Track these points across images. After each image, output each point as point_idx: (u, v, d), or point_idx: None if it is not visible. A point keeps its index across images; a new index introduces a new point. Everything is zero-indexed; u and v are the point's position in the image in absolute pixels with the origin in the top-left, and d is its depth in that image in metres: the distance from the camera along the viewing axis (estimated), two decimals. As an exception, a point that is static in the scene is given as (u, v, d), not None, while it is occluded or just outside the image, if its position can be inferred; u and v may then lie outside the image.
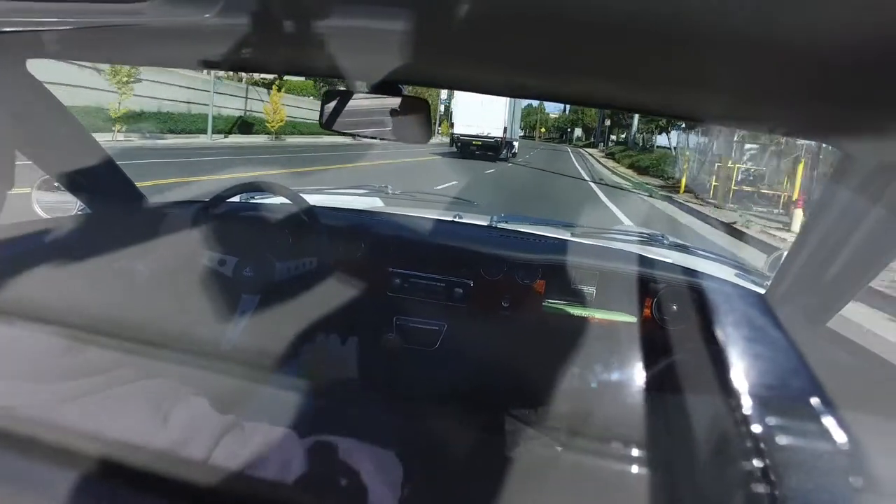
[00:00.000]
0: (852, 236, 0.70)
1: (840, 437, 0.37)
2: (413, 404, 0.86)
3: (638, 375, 1.18)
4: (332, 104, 0.80)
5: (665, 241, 1.55)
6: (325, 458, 0.57)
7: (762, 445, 0.37)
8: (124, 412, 0.51)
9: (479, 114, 17.24)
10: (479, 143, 17.86)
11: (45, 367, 0.50)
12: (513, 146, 22.51)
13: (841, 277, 0.76)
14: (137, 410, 0.52)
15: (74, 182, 1.10)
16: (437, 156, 18.07)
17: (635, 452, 1.04)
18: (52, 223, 1.10)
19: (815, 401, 0.40)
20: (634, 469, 1.03)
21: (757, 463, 0.36)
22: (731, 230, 7.65)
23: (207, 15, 0.49)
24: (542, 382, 1.24)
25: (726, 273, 1.32)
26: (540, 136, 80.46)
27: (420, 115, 0.76)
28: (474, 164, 15.17)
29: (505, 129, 18.38)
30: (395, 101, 0.74)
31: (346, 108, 0.79)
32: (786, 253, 0.88)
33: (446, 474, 0.83)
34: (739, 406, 0.40)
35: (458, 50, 0.52)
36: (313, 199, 1.36)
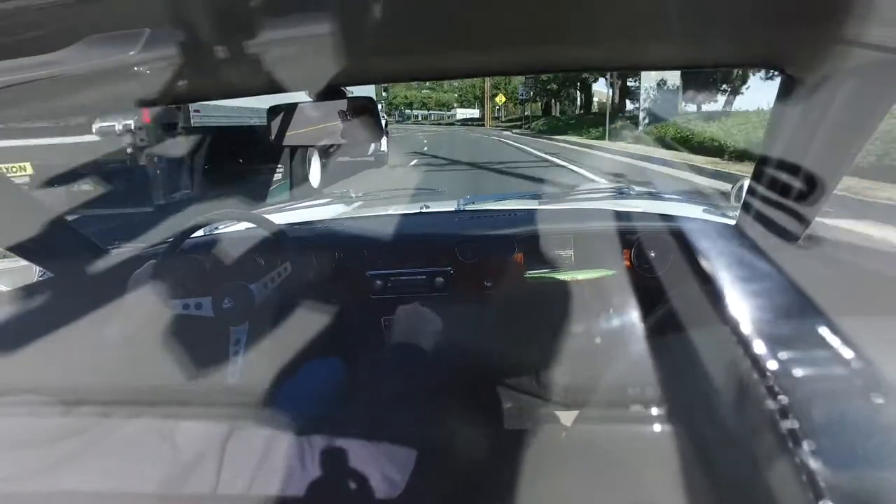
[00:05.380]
0: (808, 152, 0.72)
1: (851, 356, 0.38)
2: (415, 399, 0.86)
3: (634, 328, 1.20)
4: (279, 119, 0.78)
5: (632, 192, 1.57)
6: (333, 458, 0.58)
7: (779, 381, 0.37)
8: (129, 452, 0.51)
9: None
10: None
11: (32, 434, 0.49)
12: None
13: (805, 193, 0.78)
14: (142, 446, 0.52)
15: (28, 248, 1.06)
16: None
17: (651, 408, 1.06)
18: (16, 294, 1.05)
19: (817, 324, 0.41)
20: (654, 425, 1.04)
21: (777, 400, 0.36)
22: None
23: (132, 52, 0.47)
24: (541, 354, 1.25)
25: (695, 211, 1.35)
26: (500, 115, 44.41)
27: (368, 115, 0.76)
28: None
29: None
30: (341, 105, 0.73)
31: (294, 121, 0.77)
32: (748, 181, 0.90)
33: (461, 463, 0.83)
34: (743, 340, 0.41)
35: (393, 41, 0.51)
36: (277, 218, 1.33)
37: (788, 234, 0.85)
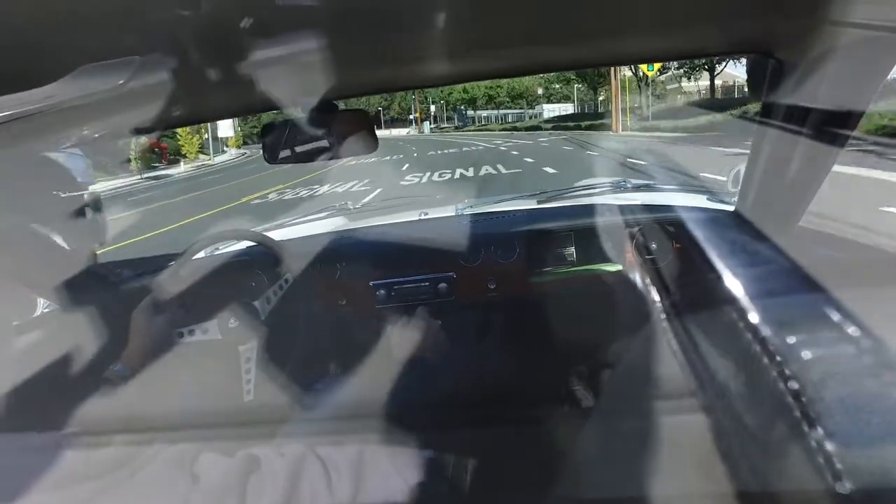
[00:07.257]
0: (801, 134, 0.72)
1: (858, 335, 0.37)
2: (429, 410, 0.86)
3: (642, 321, 1.20)
4: (272, 137, 0.79)
5: (629, 185, 1.57)
6: (361, 482, 0.57)
7: (789, 365, 0.37)
8: (151, 491, 0.51)
9: None
10: None
11: (58, 475, 0.49)
12: None
13: (801, 175, 0.78)
14: (164, 483, 0.51)
15: (34, 280, 1.06)
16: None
17: (668, 400, 1.05)
18: (23, 327, 1.05)
19: (822, 304, 0.40)
20: (671, 416, 1.04)
21: (789, 385, 0.36)
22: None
23: (121, 81, 0.47)
24: (552, 354, 1.24)
25: (694, 200, 1.35)
26: (641, 105, 19.69)
27: (362, 127, 0.76)
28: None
29: None
30: (333, 119, 0.74)
31: (287, 138, 0.78)
32: (744, 166, 0.90)
33: (489, 473, 0.83)
34: (751, 326, 0.40)
35: (381, 51, 0.52)
36: (277, 234, 1.34)
37: (786, 216, 0.85)
